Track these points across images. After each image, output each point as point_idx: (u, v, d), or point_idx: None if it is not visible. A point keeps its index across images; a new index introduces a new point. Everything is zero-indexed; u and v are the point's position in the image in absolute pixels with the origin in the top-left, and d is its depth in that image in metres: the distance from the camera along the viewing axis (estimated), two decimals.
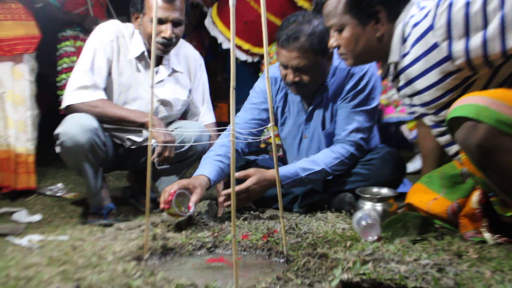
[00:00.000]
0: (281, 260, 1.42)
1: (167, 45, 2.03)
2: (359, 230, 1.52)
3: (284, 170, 1.91)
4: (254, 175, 1.86)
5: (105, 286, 1.12)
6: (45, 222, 2.06)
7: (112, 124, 2.03)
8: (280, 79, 2.09)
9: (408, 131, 3.08)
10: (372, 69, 1.98)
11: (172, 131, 2.02)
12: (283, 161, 2.32)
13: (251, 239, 1.55)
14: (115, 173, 3.30)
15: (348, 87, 1.97)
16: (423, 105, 1.56)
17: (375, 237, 1.47)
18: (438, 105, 1.51)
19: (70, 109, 1.98)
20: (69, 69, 3.05)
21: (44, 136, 2.65)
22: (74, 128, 1.87)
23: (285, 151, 2.25)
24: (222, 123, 2.34)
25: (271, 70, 2.12)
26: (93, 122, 1.92)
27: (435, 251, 1.25)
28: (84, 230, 1.78)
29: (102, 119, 1.98)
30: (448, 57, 1.38)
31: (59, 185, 2.69)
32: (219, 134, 2.16)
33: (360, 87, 1.97)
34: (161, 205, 1.67)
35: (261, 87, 2.15)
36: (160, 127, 1.93)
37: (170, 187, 1.70)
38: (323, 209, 1.96)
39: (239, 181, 1.87)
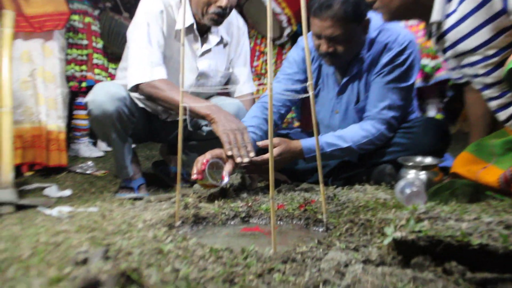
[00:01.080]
0: (321, 229, 1.34)
1: (222, 15, 1.90)
2: (403, 199, 1.41)
3: (309, 142, 1.81)
4: (278, 146, 1.76)
5: (135, 250, 1.05)
6: (76, 197, 2.03)
7: (173, 110, 1.88)
8: (313, 49, 1.98)
9: None
10: (412, 45, 1.84)
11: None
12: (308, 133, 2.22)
13: (287, 209, 1.47)
14: (146, 153, 3.26)
15: (384, 60, 1.83)
16: (473, 65, 1.42)
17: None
18: (490, 64, 1.38)
19: (136, 92, 1.88)
20: (78, 62, 3.00)
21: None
22: (102, 96, 1.82)
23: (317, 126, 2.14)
24: None
25: (303, 40, 2.01)
26: (121, 91, 1.86)
27: (495, 212, 1.13)
28: (113, 203, 1.73)
29: (164, 105, 1.85)
30: (503, 11, 1.26)
31: (89, 163, 2.67)
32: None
33: (397, 62, 1.82)
34: (194, 176, 1.59)
35: (295, 57, 2.04)
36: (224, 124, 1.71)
37: (202, 157, 1.63)
38: (361, 181, 1.84)
39: (264, 150, 1.77)
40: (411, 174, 1.62)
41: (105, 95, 1.83)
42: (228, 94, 2.24)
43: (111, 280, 0.84)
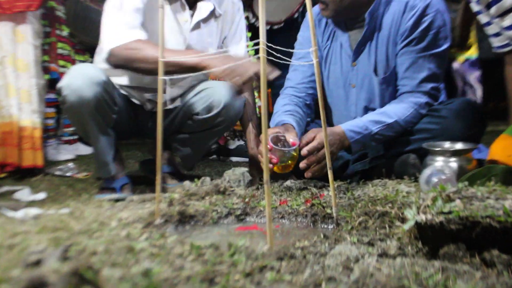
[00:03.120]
0: (330, 226, 1.24)
1: None
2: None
3: (350, 125, 1.72)
4: (318, 134, 1.65)
5: (102, 249, 0.96)
6: (50, 200, 1.94)
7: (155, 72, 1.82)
8: (324, 19, 1.92)
9: None
10: (436, 1, 1.75)
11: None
12: (328, 123, 2.11)
13: (291, 205, 1.39)
14: (137, 156, 3.18)
15: (409, 24, 1.75)
16: None
17: None
18: None
19: (111, 60, 1.79)
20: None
21: None
22: (79, 80, 1.73)
23: (331, 109, 2.04)
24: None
25: (314, 10, 1.94)
26: (101, 75, 1.77)
27: None
28: (90, 204, 1.64)
29: (144, 67, 1.74)
30: None
31: (70, 164, 2.59)
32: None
33: (425, 24, 1.74)
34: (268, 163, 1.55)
35: (305, 35, 2.01)
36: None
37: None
38: (380, 175, 1.74)
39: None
40: (439, 161, 1.54)
41: (82, 79, 1.74)
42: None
43: (61, 280, 0.75)
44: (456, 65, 3.23)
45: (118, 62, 1.77)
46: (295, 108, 1.89)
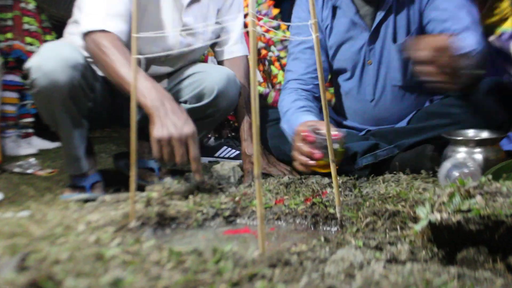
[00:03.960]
0: (333, 229, 1.25)
1: None
2: None
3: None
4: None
5: (64, 256, 0.97)
6: (7, 202, 1.94)
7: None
8: None
9: None
10: None
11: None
12: (335, 110, 2.13)
13: (289, 204, 1.40)
14: (107, 146, 3.18)
15: None
16: None
17: None
18: None
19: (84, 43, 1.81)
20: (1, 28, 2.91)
21: None
22: (52, 62, 1.71)
23: (339, 92, 2.06)
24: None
25: None
26: (78, 55, 1.76)
27: None
28: (54, 206, 1.64)
29: (106, 73, 1.78)
30: None
31: (31, 160, 2.58)
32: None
33: None
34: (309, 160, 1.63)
35: (299, 15, 2.05)
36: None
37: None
38: (393, 169, 1.75)
39: None
40: (461, 152, 1.56)
41: (56, 60, 1.72)
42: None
43: None
44: (492, 38, 3.22)
45: (86, 50, 1.77)
46: (308, 104, 1.91)
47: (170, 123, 1.58)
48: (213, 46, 2.15)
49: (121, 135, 2.66)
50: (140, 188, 1.68)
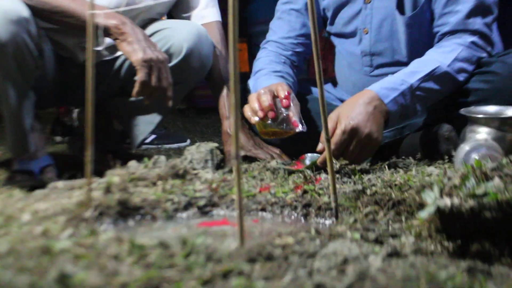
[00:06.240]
0: (327, 221, 1.26)
1: None
2: None
3: (382, 83, 1.74)
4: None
5: (4, 249, 0.98)
6: None
7: (51, 21, 1.88)
8: None
9: None
10: None
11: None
12: (333, 83, 2.16)
13: (275, 192, 1.42)
14: None
15: None
16: None
17: None
18: None
19: None
20: None
21: None
22: None
23: (338, 62, 2.08)
24: (241, 74, 2.23)
25: None
26: (22, 9, 1.75)
27: None
28: None
29: (55, 16, 1.84)
30: None
31: None
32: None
33: None
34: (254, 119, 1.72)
35: None
36: (129, 30, 1.74)
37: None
38: (404, 154, 1.77)
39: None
40: (482, 133, 1.57)
41: None
42: None
43: None
44: None
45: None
46: (285, 69, 1.97)
47: (147, 46, 1.71)
48: (177, 12, 2.15)
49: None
50: (99, 173, 1.70)
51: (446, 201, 0.76)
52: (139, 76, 1.71)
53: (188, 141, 2.75)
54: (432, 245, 0.84)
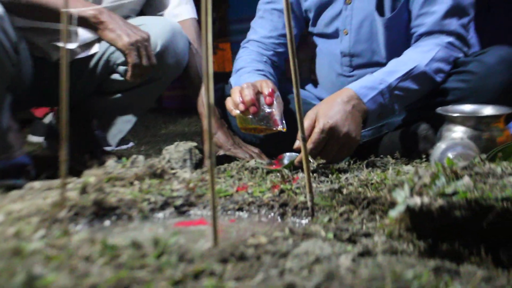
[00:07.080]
0: (303, 220, 1.26)
1: None
2: None
3: (360, 82, 1.74)
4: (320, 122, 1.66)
5: None
6: None
7: (27, 16, 1.89)
8: None
9: None
10: None
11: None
12: (314, 83, 2.16)
13: (253, 191, 1.42)
14: None
15: None
16: None
17: None
18: None
19: None
20: None
21: None
22: None
23: (319, 61, 2.09)
24: (225, 73, 2.25)
25: None
26: None
27: None
28: None
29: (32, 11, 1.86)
30: None
31: None
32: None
33: None
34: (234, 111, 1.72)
35: None
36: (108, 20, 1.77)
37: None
38: (383, 153, 1.77)
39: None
40: (457, 132, 1.57)
41: None
42: None
43: None
44: None
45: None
46: (267, 68, 1.98)
47: (128, 29, 1.77)
48: (150, 10, 2.15)
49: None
50: (75, 173, 1.69)
51: (416, 200, 0.77)
52: (130, 60, 1.76)
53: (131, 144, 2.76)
54: (404, 244, 0.84)
